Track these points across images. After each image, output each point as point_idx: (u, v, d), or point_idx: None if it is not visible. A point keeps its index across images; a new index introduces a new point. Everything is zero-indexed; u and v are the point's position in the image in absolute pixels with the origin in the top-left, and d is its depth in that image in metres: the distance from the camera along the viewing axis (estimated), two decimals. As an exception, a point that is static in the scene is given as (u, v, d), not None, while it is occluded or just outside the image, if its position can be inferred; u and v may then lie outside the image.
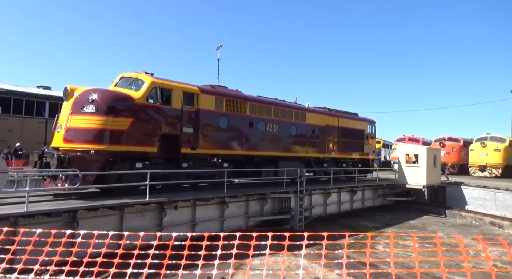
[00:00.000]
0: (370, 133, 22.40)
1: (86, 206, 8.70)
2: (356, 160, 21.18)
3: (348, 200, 18.22)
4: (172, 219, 10.53)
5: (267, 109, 15.50)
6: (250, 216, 13.14)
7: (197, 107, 12.49)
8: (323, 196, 16.59)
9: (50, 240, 3.31)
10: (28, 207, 7.59)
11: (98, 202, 9.07)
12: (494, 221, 16.93)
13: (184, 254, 3.06)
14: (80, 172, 8.85)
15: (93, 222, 8.85)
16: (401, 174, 20.76)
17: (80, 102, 10.16)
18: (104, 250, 3.20)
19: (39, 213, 7.82)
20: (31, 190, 8.29)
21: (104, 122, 10.01)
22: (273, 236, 3.14)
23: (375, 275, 3.09)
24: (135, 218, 9.86)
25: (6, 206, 8.18)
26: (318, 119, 18.33)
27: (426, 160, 19.87)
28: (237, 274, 7.58)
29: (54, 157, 9.29)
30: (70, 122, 10.00)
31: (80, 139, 9.91)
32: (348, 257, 2.98)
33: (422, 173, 19.80)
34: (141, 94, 10.92)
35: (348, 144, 20.19)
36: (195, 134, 12.32)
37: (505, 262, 9.56)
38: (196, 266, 2.93)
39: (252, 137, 14.62)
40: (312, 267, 6.59)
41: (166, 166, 11.61)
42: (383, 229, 15.65)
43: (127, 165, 10.73)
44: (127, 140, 10.39)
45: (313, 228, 13.69)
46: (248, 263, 2.97)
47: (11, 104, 25.10)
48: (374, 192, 20.18)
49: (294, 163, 16.38)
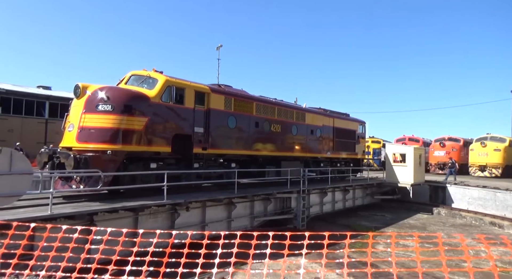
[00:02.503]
0: (361, 133, 22.90)
1: (108, 208, 8.45)
2: (349, 160, 21.57)
3: (341, 199, 18.62)
4: (183, 221, 10.37)
5: (271, 109, 15.51)
6: (255, 217, 13.14)
7: (208, 107, 12.35)
8: (320, 195, 16.79)
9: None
10: (52, 210, 7.40)
11: (119, 204, 8.82)
12: (494, 221, 16.91)
13: (184, 253, 3.05)
14: (102, 174, 8.63)
15: (109, 224, 8.41)
16: (389, 173, 21.39)
17: (94, 101, 9.73)
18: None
19: (62, 216, 7.57)
20: (56, 192, 8.09)
21: (120, 122, 9.70)
22: (274, 236, 3.14)
23: (376, 274, 3.09)
24: (149, 219, 9.66)
25: (28, 209, 7.97)
26: (315, 119, 18.50)
27: (413, 159, 20.53)
28: (238, 273, 7.57)
29: (70, 157, 8.92)
30: (84, 121, 9.57)
31: (95, 139, 9.50)
32: (348, 257, 2.97)
33: (409, 172, 20.54)
34: (156, 92, 10.66)
35: (342, 144, 20.54)
36: (206, 134, 12.13)
37: (505, 262, 9.57)
38: (196, 264, 2.92)
39: (258, 137, 14.61)
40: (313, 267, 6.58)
41: (178, 166, 11.45)
42: (383, 229, 15.66)
43: (141, 166, 10.49)
44: (143, 140, 10.15)
45: (314, 229, 13.70)
46: (248, 262, 2.96)
47: (11, 104, 25.08)
48: (364, 191, 20.71)
49: (295, 163, 16.53)
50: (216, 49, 30.05)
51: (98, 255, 3.12)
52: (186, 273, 2.89)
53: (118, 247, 3.17)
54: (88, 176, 8.94)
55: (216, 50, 30.07)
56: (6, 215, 7.12)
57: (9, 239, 3.35)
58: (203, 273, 2.91)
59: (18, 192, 7.37)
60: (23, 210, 7.83)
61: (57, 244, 3.27)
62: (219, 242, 3.08)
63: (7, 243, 3.34)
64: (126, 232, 3.34)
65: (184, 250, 3.06)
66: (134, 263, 3.08)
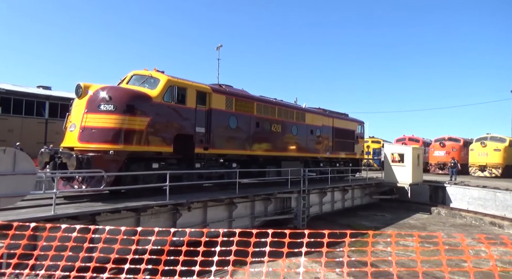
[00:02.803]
0: (359, 133, 22.96)
1: (110, 209, 8.41)
2: (347, 160, 21.62)
3: (340, 199, 18.70)
4: (185, 221, 10.35)
5: (272, 109, 15.51)
6: (255, 217, 13.13)
7: (209, 107, 12.33)
8: (319, 195, 16.82)
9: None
10: (55, 210, 7.32)
11: (121, 204, 8.78)
12: (494, 221, 16.90)
13: (183, 250, 3.04)
14: (105, 174, 8.57)
15: (112, 224, 8.05)
16: (387, 173, 21.52)
17: (96, 100, 9.65)
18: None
19: (65, 216, 7.49)
20: (60, 192, 8.03)
21: (123, 121, 9.63)
22: (273, 234, 3.13)
23: (376, 274, 3.07)
24: (151, 220, 9.62)
25: (29, 209, 7.88)
26: (315, 119, 18.52)
27: (411, 159, 20.65)
28: (237, 272, 7.55)
29: (72, 157, 8.84)
30: (86, 121, 9.48)
31: (97, 139, 9.41)
32: (348, 256, 2.96)
33: (408, 172, 20.70)
34: (158, 92, 10.61)
35: (341, 144, 20.59)
36: (207, 134, 12.11)
37: (506, 262, 9.56)
38: (194, 263, 2.91)
39: (259, 137, 14.60)
40: (312, 266, 6.58)
41: (179, 166, 11.40)
42: (383, 229, 15.66)
43: (142, 166, 10.43)
44: (145, 140, 10.09)
45: (313, 228, 13.67)
46: (248, 260, 2.95)
47: (11, 104, 25.07)
48: (363, 191, 20.81)
49: (295, 163, 16.54)
50: (216, 49, 30.05)
51: (96, 254, 3.11)
52: (184, 271, 2.88)
53: (117, 245, 3.16)
54: (90, 176, 8.87)
55: (216, 50, 30.07)
56: (10, 215, 7.04)
57: (9, 239, 3.32)
58: (202, 271, 2.89)
59: (22, 192, 7.30)
60: (25, 210, 7.76)
61: (56, 244, 3.25)
62: (218, 240, 3.07)
63: (7, 243, 3.32)
64: (124, 230, 3.33)
65: (183, 248, 3.05)
66: (133, 261, 3.07)
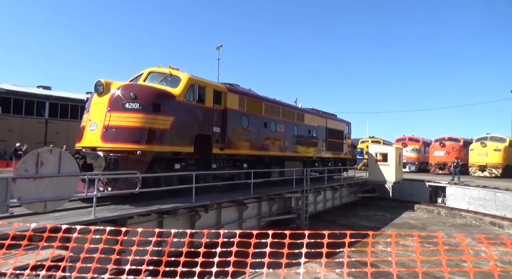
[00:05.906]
0: (347, 134, 23.35)
1: (145, 211, 8.26)
2: (337, 159, 21.89)
3: (331, 198, 19.02)
4: (202, 222, 10.21)
5: (277, 109, 15.57)
6: (261, 217, 13.14)
7: (225, 106, 12.22)
8: (314, 194, 17.01)
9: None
10: (95, 214, 7.12)
11: (154, 206, 8.59)
12: (494, 221, 16.89)
13: (183, 251, 3.04)
14: (140, 175, 8.30)
15: (138, 226, 7.79)
16: (372, 172, 22.06)
17: (120, 98, 9.26)
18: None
19: (104, 220, 7.28)
20: (103, 194, 7.95)
21: (148, 121, 9.32)
22: (274, 235, 3.13)
23: (375, 274, 3.08)
24: (171, 222, 9.38)
25: (62, 213, 7.54)
26: (312, 120, 18.69)
27: (394, 158, 21.15)
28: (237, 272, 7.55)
29: (100, 158, 8.50)
30: (110, 120, 9.06)
31: (123, 138, 9.04)
32: (348, 256, 2.96)
33: (391, 171, 21.29)
34: (180, 91, 10.36)
35: (333, 144, 20.89)
36: (223, 134, 12.01)
37: (506, 262, 9.56)
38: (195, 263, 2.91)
39: (266, 138, 14.59)
40: (312, 266, 6.58)
41: (197, 166, 11.19)
42: (383, 229, 15.68)
43: (164, 166, 10.17)
44: (169, 140, 9.82)
45: (314, 229, 13.69)
46: (248, 261, 2.95)
47: (11, 104, 25.09)
48: (349, 189, 21.27)
49: (296, 163, 16.67)
50: (216, 49, 30.03)
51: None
52: (185, 272, 2.89)
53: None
54: (114, 178, 8.57)
55: (216, 50, 30.06)
56: (45, 219, 6.75)
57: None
58: (202, 272, 2.90)
59: (68, 195, 7.08)
60: (58, 214, 7.35)
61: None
62: (218, 241, 3.08)
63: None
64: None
65: (183, 249, 3.06)
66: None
